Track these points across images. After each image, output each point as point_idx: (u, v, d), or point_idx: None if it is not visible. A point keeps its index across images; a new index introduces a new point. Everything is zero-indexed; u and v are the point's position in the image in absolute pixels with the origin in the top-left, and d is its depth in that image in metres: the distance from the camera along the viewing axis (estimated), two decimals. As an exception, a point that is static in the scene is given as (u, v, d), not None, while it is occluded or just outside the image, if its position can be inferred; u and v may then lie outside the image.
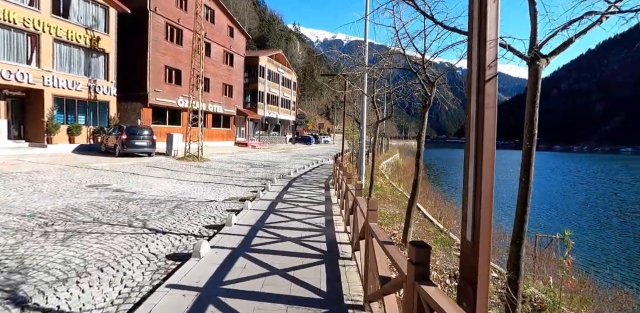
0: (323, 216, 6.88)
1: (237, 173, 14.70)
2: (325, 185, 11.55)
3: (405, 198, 10.23)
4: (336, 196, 9.04)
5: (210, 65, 28.69)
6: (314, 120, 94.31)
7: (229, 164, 18.10)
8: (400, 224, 6.48)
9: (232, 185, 11.30)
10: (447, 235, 6.83)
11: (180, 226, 6.05)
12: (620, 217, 17.25)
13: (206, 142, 27.94)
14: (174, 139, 19.08)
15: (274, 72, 42.41)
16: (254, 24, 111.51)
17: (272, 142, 41.94)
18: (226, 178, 12.89)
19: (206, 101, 28.15)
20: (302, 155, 29.08)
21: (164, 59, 23.64)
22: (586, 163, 63.11)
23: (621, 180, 35.61)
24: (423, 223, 8.31)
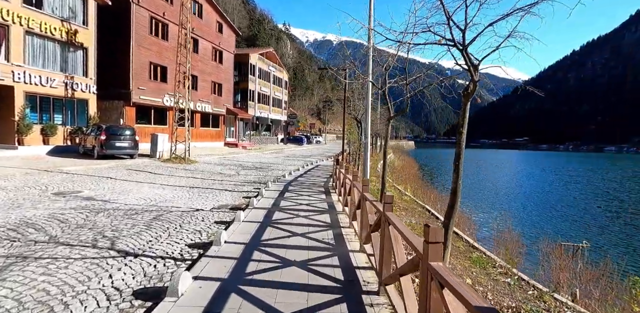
0: (329, 229, 5.84)
1: (227, 176, 13.56)
2: (325, 189, 10.52)
3: (417, 205, 9.28)
4: (340, 203, 8.02)
5: (198, 62, 27.38)
6: (305, 120, 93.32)
7: (218, 166, 16.93)
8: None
9: (221, 190, 10.18)
10: (482, 253, 5.80)
11: (158, 245, 4.94)
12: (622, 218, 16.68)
13: (194, 142, 26.67)
14: (159, 140, 17.80)
15: (265, 71, 41.21)
16: (244, 23, 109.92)
17: (264, 143, 40.74)
18: (215, 182, 11.75)
19: (194, 100, 26.86)
20: (295, 156, 28.01)
21: (149, 54, 22.30)
22: (574, 163, 63.58)
23: (611, 179, 35.51)
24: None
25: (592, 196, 23.31)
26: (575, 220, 15.76)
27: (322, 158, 26.84)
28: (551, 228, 13.72)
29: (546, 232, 13.03)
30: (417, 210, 8.72)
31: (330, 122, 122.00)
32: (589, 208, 18.71)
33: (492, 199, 20.36)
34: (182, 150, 17.49)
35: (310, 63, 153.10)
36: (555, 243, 7.74)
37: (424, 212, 8.75)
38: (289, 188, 10.37)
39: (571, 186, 28.72)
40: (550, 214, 16.76)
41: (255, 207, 7.50)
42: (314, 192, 9.95)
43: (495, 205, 18.38)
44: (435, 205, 10.80)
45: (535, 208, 17.98)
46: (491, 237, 9.04)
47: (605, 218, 16.56)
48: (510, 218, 14.27)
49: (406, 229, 2.89)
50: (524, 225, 13.60)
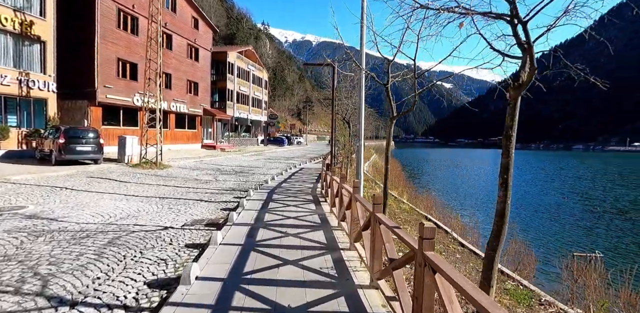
0: (327, 252, 4.82)
1: (203, 182, 12.29)
2: (313, 197, 9.49)
3: (419, 215, 8.40)
4: (334, 215, 7.02)
5: (172, 59, 25.75)
6: (285, 121, 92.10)
7: (194, 171, 15.57)
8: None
9: (196, 200, 8.96)
10: (517, 283, 4.81)
11: (107, 285, 3.77)
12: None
13: (169, 145, 25.07)
14: (128, 143, 16.25)
15: (244, 69, 39.74)
16: (222, 21, 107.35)
17: (243, 144, 39.25)
18: (189, 190, 10.49)
19: (168, 99, 25.23)
20: (277, 158, 26.82)
21: (116, 50, 20.56)
22: (546, 161, 65.39)
23: (584, 177, 36.31)
24: (457, 250, 6.46)
25: (571, 195, 23.41)
26: (554, 219, 15.47)
27: (305, 160, 25.79)
28: (541, 230, 13.29)
29: (539, 234, 12.54)
30: (421, 220, 7.91)
31: (310, 122, 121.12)
32: (568, 208, 18.56)
33: (472, 198, 19.98)
34: (154, 154, 16.02)
35: (290, 63, 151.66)
36: (569, 255, 7.07)
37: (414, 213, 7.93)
38: (273, 197, 9.28)
39: (547, 185, 28.96)
40: (534, 215, 16.45)
41: (235, 223, 6.38)
42: (301, 201, 8.90)
43: (478, 205, 17.95)
44: (431, 211, 9.96)
45: (518, 209, 17.65)
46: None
47: (590, 218, 16.38)
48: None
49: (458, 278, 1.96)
50: (512, 228, 13.07)
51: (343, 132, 11.66)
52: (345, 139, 11.12)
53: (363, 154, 10.14)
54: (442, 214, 10.20)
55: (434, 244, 2.33)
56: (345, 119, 12.73)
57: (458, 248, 5.80)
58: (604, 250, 10.54)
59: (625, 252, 10.91)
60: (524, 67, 2.83)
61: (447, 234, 6.74)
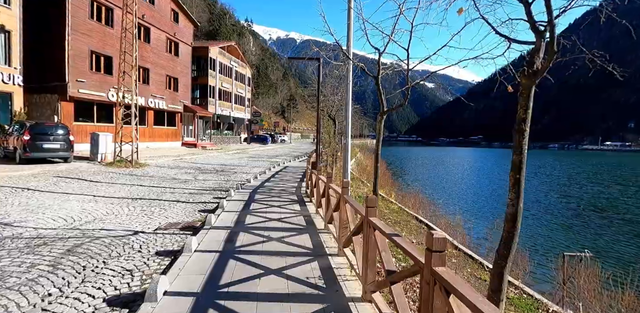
0: (314, 259, 4.41)
1: (182, 182, 11.65)
2: (298, 197, 9.05)
3: (409, 216, 8.08)
4: (320, 217, 6.62)
5: (150, 53, 24.70)
6: (269, 119, 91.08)
7: (172, 170, 14.86)
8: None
9: (172, 201, 8.38)
10: (520, 290, 4.47)
11: (57, 304, 3.24)
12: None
13: (147, 143, 24.11)
14: (101, 140, 15.34)
15: (227, 65, 38.78)
16: (204, 17, 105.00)
17: (225, 142, 38.35)
18: (166, 190, 9.87)
19: (145, 95, 24.23)
20: (260, 157, 26.21)
21: (89, 42, 19.47)
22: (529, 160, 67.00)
23: (558, 175, 37.30)
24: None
25: (553, 194, 23.88)
26: (539, 216, 15.63)
27: (289, 158, 25.30)
28: (525, 228, 13.35)
29: (523, 231, 12.54)
30: (412, 224, 7.54)
31: (294, 120, 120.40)
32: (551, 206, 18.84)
33: (457, 195, 20.05)
34: (130, 152, 15.19)
35: (273, 61, 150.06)
36: (563, 254, 6.91)
37: (421, 226, 7.61)
38: (255, 198, 8.79)
39: (527, 183, 29.52)
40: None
41: (213, 226, 5.89)
42: (285, 201, 8.46)
43: (463, 203, 18.00)
44: (419, 210, 9.70)
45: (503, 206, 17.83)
46: (486, 245, 8.15)
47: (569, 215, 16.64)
48: (483, 218, 13.68)
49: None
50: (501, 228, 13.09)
51: (328, 130, 11.22)
52: (331, 137, 10.72)
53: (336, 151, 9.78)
54: (430, 213, 9.96)
55: (445, 258, 1.91)
56: (331, 115, 12.30)
57: (453, 252, 5.51)
58: (591, 248, 10.57)
59: (612, 249, 10.99)
60: (537, 52, 2.50)
61: (412, 217, 6.45)
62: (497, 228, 9.94)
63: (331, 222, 5.53)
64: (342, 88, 13.23)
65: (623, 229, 14.02)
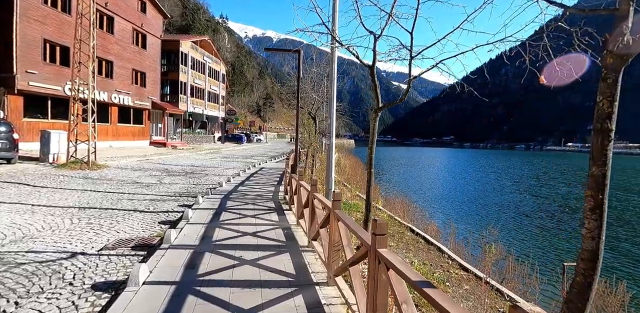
0: (298, 291, 3.50)
1: (144, 186, 10.39)
2: (275, 203, 8.11)
3: (402, 227, 7.30)
4: (302, 230, 5.72)
5: (114, 45, 22.84)
6: (244, 118, 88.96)
7: (135, 172, 13.47)
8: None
9: (129, 211, 7.21)
10: None
11: None
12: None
13: (111, 141, 22.32)
14: (53, 138, 13.69)
15: (199, 61, 36.98)
16: (176, 11, 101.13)
17: (198, 142, 36.59)
18: (124, 197, 8.64)
19: (109, 90, 22.39)
20: (235, 157, 24.93)
21: (42, 30, 17.55)
22: (492, 159, 69.27)
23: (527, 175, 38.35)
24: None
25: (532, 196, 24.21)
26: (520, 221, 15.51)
27: (265, 158, 24.20)
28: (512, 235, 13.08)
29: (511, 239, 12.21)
30: (407, 236, 6.77)
31: (271, 120, 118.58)
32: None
33: (442, 198, 19.78)
34: (91, 151, 13.63)
35: (249, 59, 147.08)
36: (563, 265, 6.40)
37: (417, 239, 6.83)
38: (226, 205, 7.77)
39: (508, 188, 29.95)
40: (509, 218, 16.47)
41: (173, 244, 4.87)
42: (261, 209, 7.49)
43: (449, 207, 17.69)
44: (406, 217, 9.00)
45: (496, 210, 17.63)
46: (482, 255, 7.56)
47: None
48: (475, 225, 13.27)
49: None
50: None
51: (309, 129, 10.33)
52: (312, 137, 9.84)
53: (317, 151, 8.97)
54: (420, 221, 9.29)
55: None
56: (311, 113, 11.41)
57: (462, 274, 4.78)
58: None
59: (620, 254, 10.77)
60: (625, 20, 1.74)
61: (441, 254, 5.70)
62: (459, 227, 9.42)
63: (316, 238, 4.65)
64: (323, 85, 12.40)
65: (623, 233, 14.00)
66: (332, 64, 6.27)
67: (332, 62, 6.25)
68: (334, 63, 6.28)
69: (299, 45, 7.70)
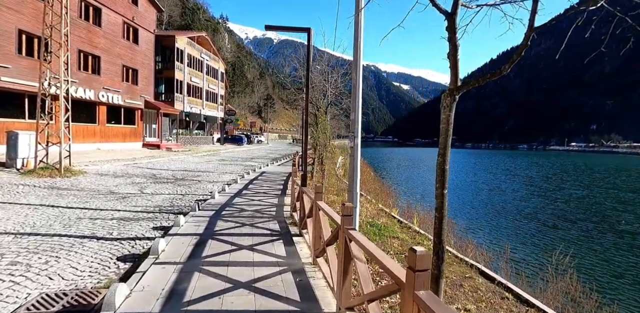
0: None
1: (118, 198, 8.52)
2: (280, 225, 6.21)
3: (423, 237, 5.31)
4: (322, 275, 3.81)
5: (101, 39, 21.01)
6: (245, 119, 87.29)
7: (116, 179, 11.60)
8: None
9: (82, 239, 5.33)
10: None
11: None
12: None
13: (98, 143, 20.51)
14: (21, 140, 11.83)
15: (197, 58, 35.16)
16: (176, 11, 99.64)
17: (195, 143, 34.76)
18: (86, 215, 6.76)
19: (96, 87, 20.58)
20: (234, 159, 23.07)
21: (17, 19, 15.73)
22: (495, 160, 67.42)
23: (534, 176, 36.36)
24: None
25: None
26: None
27: (267, 161, 22.33)
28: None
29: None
30: (478, 283, 4.83)
31: (271, 120, 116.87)
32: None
33: (459, 202, 17.88)
34: (64, 155, 11.78)
35: (250, 59, 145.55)
36: None
37: (464, 267, 4.87)
38: (215, 228, 5.89)
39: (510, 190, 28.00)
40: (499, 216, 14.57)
41: (118, 311, 2.98)
42: (262, 234, 5.60)
43: (465, 211, 15.79)
44: (423, 225, 7.06)
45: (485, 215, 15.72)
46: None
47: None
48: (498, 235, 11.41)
49: None
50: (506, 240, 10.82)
51: (324, 127, 8.36)
52: (323, 137, 7.97)
53: (330, 154, 7.12)
54: (463, 242, 7.40)
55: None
56: (321, 110, 9.50)
57: (492, 288, 2.87)
58: None
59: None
60: None
61: (471, 268, 3.82)
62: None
63: (352, 309, 2.76)
64: (332, 79, 10.52)
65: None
66: (358, 30, 4.41)
67: (358, 27, 4.39)
68: (359, 29, 4.42)
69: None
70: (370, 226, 5.87)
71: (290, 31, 7.10)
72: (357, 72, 5.17)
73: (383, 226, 5.97)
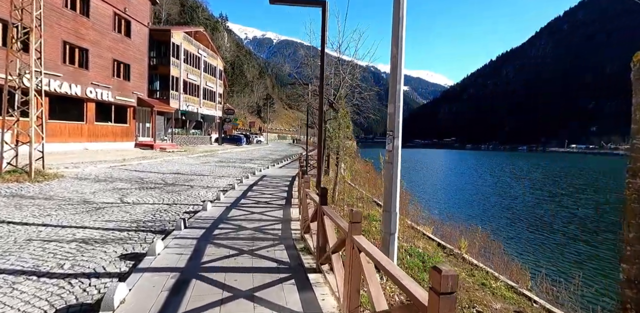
0: None
1: (90, 210, 7.04)
2: (290, 254, 4.75)
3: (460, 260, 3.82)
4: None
5: (89, 30, 19.52)
6: (244, 119, 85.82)
7: (96, 184, 10.12)
8: None
9: (17, 275, 3.86)
10: None
11: None
12: None
13: (86, 143, 19.04)
14: (-12, 139, 10.33)
15: (194, 54, 33.67)
16: (174, 9, 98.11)
17: (192, 143, 33.28)
18: (39, 235, 5.28)
19: (83, 82, 19.10)
20: (232, 161, 21.61)
21: (-8, 5, 14.25)
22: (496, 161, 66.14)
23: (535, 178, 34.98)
24: None
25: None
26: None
27: (267, 163, 20.89)
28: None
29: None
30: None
31: (271, 121, 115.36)
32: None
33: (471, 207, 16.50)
34: (37, 157, 10.32)
35: (249, 59, 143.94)
36: None
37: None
38: (204, 256, 4.42)
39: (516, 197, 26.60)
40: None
41: None
42: (266, 270, 4.14)
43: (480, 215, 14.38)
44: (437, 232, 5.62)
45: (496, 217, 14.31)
46: None
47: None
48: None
49: None
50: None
51: (345, 121, 6.75)
52: (342, 135, 6.45)
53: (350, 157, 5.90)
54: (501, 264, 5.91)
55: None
56: (334, 105, 7.91)
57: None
58: None
59: None
60: None
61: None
62: None
63: None
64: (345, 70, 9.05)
65: None
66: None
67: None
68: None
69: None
70: (409, 256, 4.43)
71: (301, 5, 5.68)
72: (399, 44, 3.73)
73: (426, 255, 4.52)
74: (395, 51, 3.79)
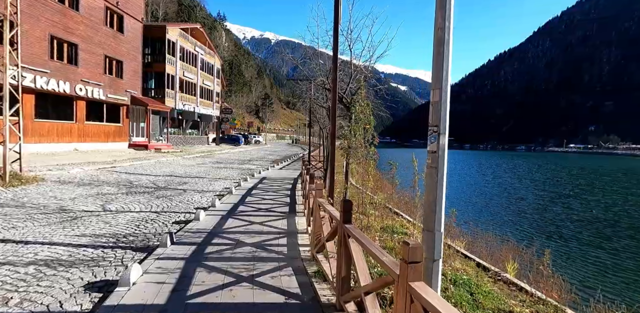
0: None
1: (67, 220, 6.08)
2: (301, 285, 3.82)
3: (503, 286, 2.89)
4: None
5: (79, 25, 18.52)
6: (242, 119, 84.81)
7: (78, 189, 9.15)
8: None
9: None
10: None
11: None
12: None
13: (75, 143, 18.06)
14: (-41, 139, 9.34)
15: (190, 52, 32.66)
16: (172, 8, 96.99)
17: (189, 143, 32.27)
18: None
19: (72, 79, 18.12)
20: (229, 162, 20.64)
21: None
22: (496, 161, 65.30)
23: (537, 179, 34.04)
24: None
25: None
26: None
27: (266, 164, 19.93)
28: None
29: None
30: None
31: (269, 121, 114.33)
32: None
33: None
34: (13, 158, 9.34)
35: (248, 58, 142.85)
36: None
37: None
38: (191, 288, 3.47)
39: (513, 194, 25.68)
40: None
41: None
42: (272, 307, 3.21)
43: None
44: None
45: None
46: None
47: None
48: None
49: None
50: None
51: (368, 118, 5.84)
52: (364, 137, 5.55)
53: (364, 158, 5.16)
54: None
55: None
56: (346, 102, 6.90)
57: None
58: None
59: None
60: None
61: None
62: None
63: None
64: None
65: None
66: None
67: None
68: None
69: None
70: (453, 284, 3.49)
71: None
72: (446, 14, 2.79)
73: (473, 284, 3.59)
74: (441, 22, 2.85)
